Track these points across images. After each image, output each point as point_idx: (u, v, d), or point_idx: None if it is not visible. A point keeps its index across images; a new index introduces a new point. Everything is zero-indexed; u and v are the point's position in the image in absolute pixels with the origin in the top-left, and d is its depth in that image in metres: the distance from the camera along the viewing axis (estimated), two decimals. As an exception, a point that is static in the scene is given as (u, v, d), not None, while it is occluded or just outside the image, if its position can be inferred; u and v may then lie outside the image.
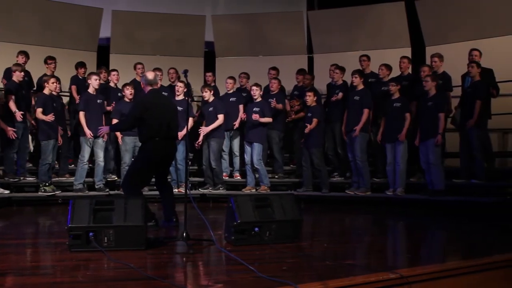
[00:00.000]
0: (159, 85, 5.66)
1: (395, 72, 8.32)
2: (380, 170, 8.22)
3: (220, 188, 8.34)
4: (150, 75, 5.58)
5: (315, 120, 7.97)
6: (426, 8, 9.30)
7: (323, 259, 4.04)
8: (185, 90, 8.05)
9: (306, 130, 8.00)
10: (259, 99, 8.26)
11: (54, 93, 7.96)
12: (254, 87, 8.30)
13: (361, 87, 7.93)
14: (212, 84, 9.06)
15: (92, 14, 10.02)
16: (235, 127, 8.52)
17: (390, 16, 9.63)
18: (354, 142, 7.83)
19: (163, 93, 5.67)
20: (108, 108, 8.22)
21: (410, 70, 8.44)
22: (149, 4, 10.79)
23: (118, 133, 8.01)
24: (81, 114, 7.86)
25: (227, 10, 11.42)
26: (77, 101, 8.26)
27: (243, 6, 11.17)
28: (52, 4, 9.83)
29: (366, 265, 3.92)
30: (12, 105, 7.51)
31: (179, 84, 8.22)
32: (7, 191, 7.67)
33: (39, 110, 7.62)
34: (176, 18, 10.50)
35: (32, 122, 8.26)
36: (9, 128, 7.45)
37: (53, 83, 7.86)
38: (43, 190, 7.81)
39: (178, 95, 8.20)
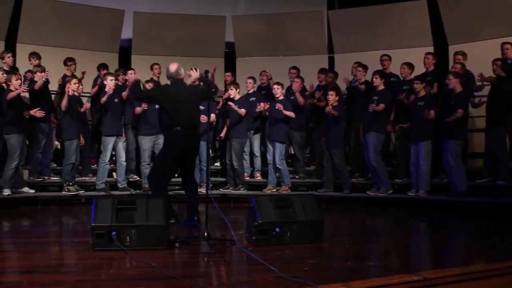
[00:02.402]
0: (182, 76, 5.69)
1: (418, 71, 8.22)
2: (402, 170, 8.14)
3: (241, 188, 8.35)
4: (172, 67, 5.62)
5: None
6: (449, 6, 9.19)
7: (345, 260, 4.02)
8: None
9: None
10: (281, 97, 8.26)
11: (76, 93, 8.06)
12: (275, 86, 8.30)
13: (381, 87, 7.86)
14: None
15: (114, 16, 10.12)
16: (258, 109, 8.38)
17: (412, 15, 9.54)
18: (368, 142, 7.77)
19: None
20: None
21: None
22: (170, 5, 10.86)
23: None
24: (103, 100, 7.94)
25: (247, 10, 11.43)
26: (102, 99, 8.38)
27: (263, 6, 11.17)
28: (74, 6, 9.96)
29: (388, 266, 3.89)
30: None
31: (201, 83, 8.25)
32: (32, 191, 7.81)
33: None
34: (197, 19, 10.55)
35: (56, 122, 8.38)
36: (35, 110, 7.55)
37: (75, 83, 7.96)
38: (66, 190, 7.94)
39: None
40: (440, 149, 7.48)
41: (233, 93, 8.36)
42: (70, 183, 7.96)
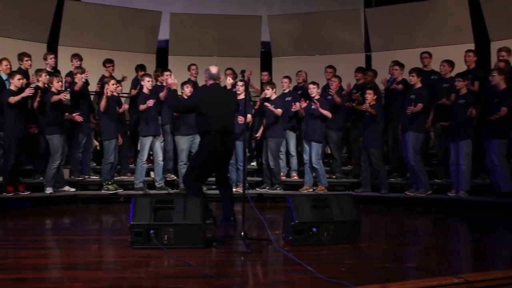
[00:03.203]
0: (220, 80, 5.74)
1: (458, 68, 8.03)
2: (442, 170, 7.97)
3: (277, 188, 8.34)
4: (213, 69, 5.66)
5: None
6: (490, 1, 8.94)
7: (383, 261, 3.96)
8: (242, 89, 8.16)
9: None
10: (317, 97, 8.21)
11: (114, 94, 8.21)
12: (311, 85, 8.24)
13: (418, 85, 7.72)
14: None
15: (151, 17, 10.26)
16: (293, 109, 8.31)
17: (452, 11, 9.33)
18: (407, 142, 7.64)
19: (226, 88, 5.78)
20: None
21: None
22: (206, 6, 10.94)
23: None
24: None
25: (283, 10, 11.41)
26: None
27: (299, 6, 11.10)
28: (112, 9, 10.17)
29: (427, 268, 3.80)
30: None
31: (239, 83, 8.28)
32: (73, 189, 7.99)
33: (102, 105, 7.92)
34: (233, 19, 10.59)
35: (95, 123, 8.54)
36: (75, 114, 7.79)
37: (113, 84, 8.10)
38: (106, 189, 8.08)
39: (239, 94, 8.27)
40: (481, 149, 7.29)
41: (269, 93, 8.35)
42: (109, 182, 8.11)
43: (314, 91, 8.15)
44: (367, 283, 3.20)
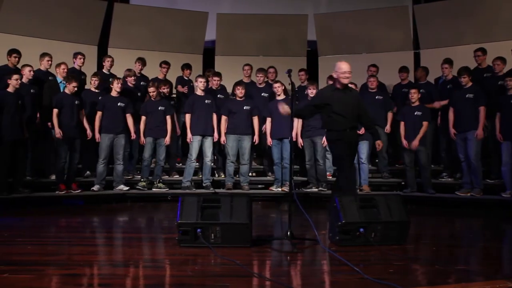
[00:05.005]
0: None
1: (511, 65, 7.78)
2: (494, 170, 7.73)
3: (324, 188, 8.28)
4: (345, 67, 5.56)
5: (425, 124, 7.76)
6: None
7: (432, 263, 3.87)
8: (283, 89, 8.17)
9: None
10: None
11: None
12: (349, 85, 8.15)
13: (469, 84, 7.51)
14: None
15: (198, 18, 10.39)
16: None
17: (503, 5, 9.03)
18: (470, 141, 7.43)
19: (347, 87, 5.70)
20: None
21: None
22: (252, 6, 10.99)
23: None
24: (187, 116, 8.20)
25: (329, 8, 11.32)
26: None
27: (345, 4, 11.00)
28: (160, 11, 10.35)
29: (480, 271, 3.69)
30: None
31: (276, 84, 8.29)
32: (127, 188, 8.17)
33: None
34: (279, 18, 10.59)
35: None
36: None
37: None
38: (155, 187, 8.24)
39: (278, 95, 8.27)
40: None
41: (311, 93, 8.29)
42: (142, 180, 8.27)
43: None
44: (416, 285, 3.14)
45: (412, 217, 4.68)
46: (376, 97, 8.26)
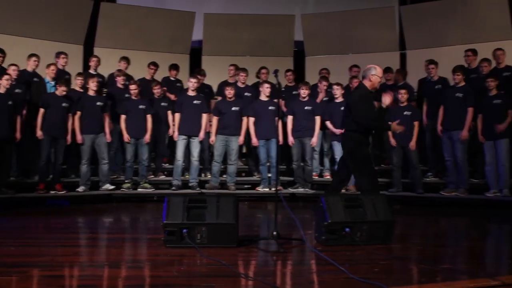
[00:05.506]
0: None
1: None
2: (479, 170, 7.80)
3: (310, 188, 8.29)
4: (375, 69, 5.63)
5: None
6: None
7: (417, 262, 3.89)
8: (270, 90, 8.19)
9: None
10: (340, 99, 8.16)
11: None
12: (335, 86, 8.22)
13: (462, 83, 7.58)
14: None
15: (185, 18, 10.35)
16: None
17: (490, 7, 9.11)
18: (456, 142, 7.49)
19: None
20: None
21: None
22: (239, 6, 10.97)
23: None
24: (176, 116, 8.17)
25: (316, 9, 11.34)
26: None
27: (332, 4, 11.03)
28: (147, 10, 10.30)
29: (464, 270, 3.72)
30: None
31: (266, 85, 8.30)
32: (112, 187, 8.11)
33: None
34: (266, 19, 10.58)
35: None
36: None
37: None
38: (140, 187, 8.19)
39: (266, 96, 8.27)
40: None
41: (303, 93, 8.30)
42: (126, 181, 8.23)
43: (337, 92, 8.21)
44: (401, 284, 3.15)
45: (398, 217, 4.72)
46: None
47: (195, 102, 8.20)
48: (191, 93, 8.23)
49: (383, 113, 5.82)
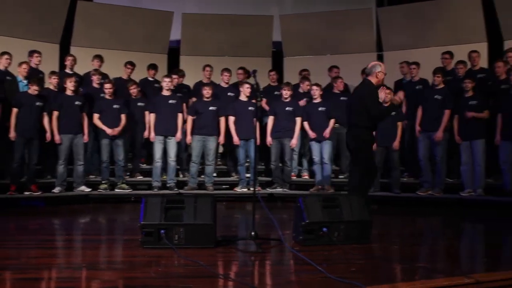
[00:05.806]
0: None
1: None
2: (454, 170, 7.92)
3: (288, 188, 8.32)
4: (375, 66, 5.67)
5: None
6: (504, 0, 8.86)
7: (394, 261, 3.94)
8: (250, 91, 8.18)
9: None
10: (319, 99, 8.21)
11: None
12: (314, 87, 8.26)
13: (442, 85, 7.68)
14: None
15: (163, 18, 10.30)
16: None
17: (465, 10, 9.26)
18: (435, 143, 7.59)
19: None
20: None
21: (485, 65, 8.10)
22: (218, 6, 10.95)
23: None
24: (151, 116, 8.11)
25: (294, 10, 11.38)
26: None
27: (310, 5, 11.07)
28: (124, 9, 10.22)
29: (439, 268, 3.78)
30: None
31: (246, 85, 8.30)
32: (88, 189, 8.02)
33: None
34: (244, 19, 10.59)
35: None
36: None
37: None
38: (117, 188, 8.13)
39: (246, 96, 8.27)
40: (494, 149, 7.25)
41: (286, 94, 8.30)
42: (122, 182, 8.15)
43: (316, 93, 8.24)
44: (377, 283, 3.17)
45: (375, 217, 4.75)
46: (341, 98, 8.32)
47: (170, 101, 8.15)
48: (165, 92, 8.19)
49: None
